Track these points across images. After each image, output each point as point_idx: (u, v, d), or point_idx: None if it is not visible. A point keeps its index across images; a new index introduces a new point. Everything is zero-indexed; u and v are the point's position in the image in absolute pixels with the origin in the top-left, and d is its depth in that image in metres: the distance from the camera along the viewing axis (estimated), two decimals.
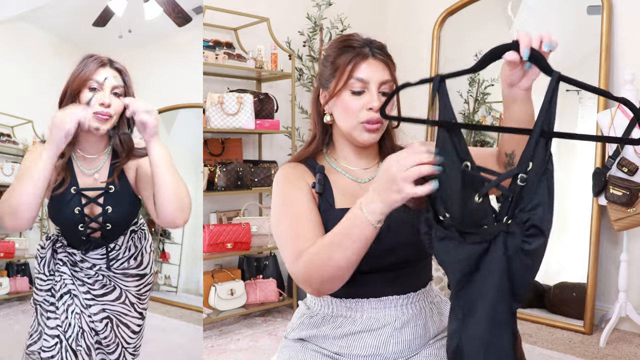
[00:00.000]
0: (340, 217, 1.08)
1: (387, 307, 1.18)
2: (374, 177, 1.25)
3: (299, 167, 1.25)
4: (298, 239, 1.10)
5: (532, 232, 0.83)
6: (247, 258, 3.37)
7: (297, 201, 1.16)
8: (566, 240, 3.32)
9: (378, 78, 1.18)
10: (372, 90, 1.18)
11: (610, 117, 2.83)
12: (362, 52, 1.19)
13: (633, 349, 2.81)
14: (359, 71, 1.18)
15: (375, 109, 1.16)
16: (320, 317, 1.24)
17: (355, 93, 1.18)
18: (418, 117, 0.98)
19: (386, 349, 1.17)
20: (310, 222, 1.13)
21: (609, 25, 3.06)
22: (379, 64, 1.19)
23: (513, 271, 0.85)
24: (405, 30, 4.16)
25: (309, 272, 1.05)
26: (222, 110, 3.05)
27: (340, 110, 1.20)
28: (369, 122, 1.18)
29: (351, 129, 1.20)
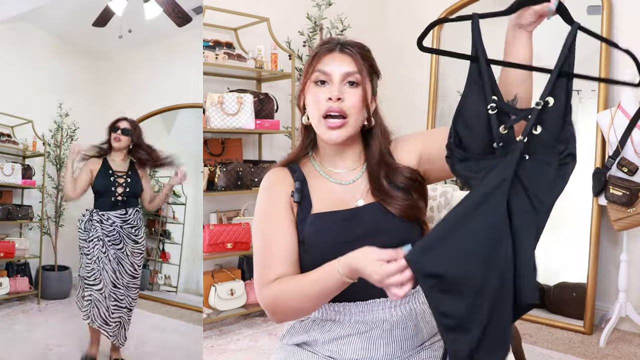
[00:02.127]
0: (316, 222, 1.14)
1: (375, 310, 1.18)
2: (358, 178, 1.24)
3: (281, 172, 1.26)
4: (267, 267, 1.16)
5: (568, 160, 0.96)
6: (247, 258, 3.37)
7: (273, 219, 1.19)
8: (566, 240, 3.32)
9: (341, 70, 1.18)
10: (334, 80, 1.18)
11: (610, 117, 2.83)
12: (329, 48, 1.20)
13: (633, 349, 2.81)
14: (321, 64, 1.19)
15: (334, 99, 1.16)
16: (310, 321, 1.24)
17: (319, 84, 1.19)
18: (455, 51, 1.09)
19: (377, 351, 1.17)
20: (280, 246, 1.17)
21: (609, 25, 3.06)
22: (345, 56, 1.19)
23: (533, 176, 0.97)
24: (405, 30, 4.16)
25: (274, 306, 1.13)
26: (222, 110, 3.05)
27: (310, 104, 1.21)
28: (328, 116, 1.17)
29: (316, 126, 1.20)
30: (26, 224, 2.68)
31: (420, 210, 1.21)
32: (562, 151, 0.96)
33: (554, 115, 0.97)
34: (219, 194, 3.13)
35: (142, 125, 3.01)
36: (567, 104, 0.97)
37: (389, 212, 1.17)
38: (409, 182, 1.21)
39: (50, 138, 2.72)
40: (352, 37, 1.27)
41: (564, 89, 0.97)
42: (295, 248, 1.17)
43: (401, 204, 1.17)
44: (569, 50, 0.97)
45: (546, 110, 0.97)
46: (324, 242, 1.15)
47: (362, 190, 1.22)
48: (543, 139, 0.97)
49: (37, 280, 2.72)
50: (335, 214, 1.18)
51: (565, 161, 0.96)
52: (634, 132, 2.73)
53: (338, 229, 1.16)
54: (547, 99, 0.97)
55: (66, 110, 2.74)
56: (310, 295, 1.08)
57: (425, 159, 1.24)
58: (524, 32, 1.06)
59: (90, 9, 2.65)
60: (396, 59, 3.97)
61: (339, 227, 1.16)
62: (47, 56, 2.77)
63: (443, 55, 1.13)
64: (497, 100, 1.00)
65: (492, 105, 1.00)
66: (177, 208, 3.16)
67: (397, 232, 1.16)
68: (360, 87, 1.19)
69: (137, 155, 2.41)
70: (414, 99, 3.92)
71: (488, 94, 1.00)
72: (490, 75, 1.02)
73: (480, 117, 1.01)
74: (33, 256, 2.71)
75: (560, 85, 0.97)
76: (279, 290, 1.11)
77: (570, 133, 0.96)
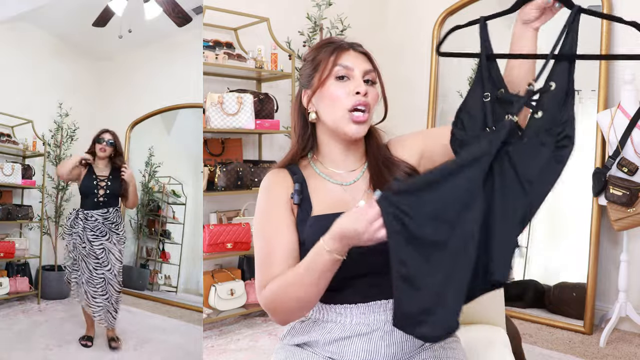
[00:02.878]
0: (316, 224, 1.13)
1: (376, 312, 1.18)
2: (359, 179, 1.25)
3: (281, 173, 1.25)
4: (267, 268, 1.16)
5: (565, 143, 0.95)
6: (247, 258, 3.37)
7: (273, 220, 1.19)
8: (566, 240, 3.32)
9: (362, 67, 1.20)
10: (356, 76, 1.19)
11: (610, 117, 2.83)
12: (342, 45, 1.22)
13: (633, 349, 2.81)
14: (342, 59, 1.20)
15: (363, 93, 1.17)
16: (311, 322, 1.24)
17: (340, 79, 1.19)
18: (467, 52, 1.14)
19: (378, 352, 1.16)
20: (280, 247, 1.16)
21: (609, 25, 3.06)
22: (360, 55, 1.22)
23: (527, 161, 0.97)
24: (405, 30, 4.16)
25: (274, 305, 1.13)
26: (222, 110, 3.05)
27: (327, 101, 1.20)
28: (355, 110, 1.17)
29: (338, 120, 1.19)
30: (26, 224, 2.68)
31: None
32: (559, 133, 0.96)
33: (555, 99, 0.97)
34: (219, 194, 3.13)
35: (142, 125, 3.02)
36: (569, 87, 0.97)
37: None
38: (408, 178, 1.22)
39: (50, 138, 2.72)
40: (351, 37, 1.29)
41: (565, 72, 0.97)
42: (295, 249, 1.17)
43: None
44: (568, 32, 0.98)
45: (548, 94, 0.98)
46: None
47: (362, 190, 1.23)
48: (544, 122, 0.98)
49: (37, 280, 2.72)
50: (335, 216, 1.17)
51: (562, 144, 0.96)
52: (634, 132, 2.73)
53: None
54: (550, 83, 0.98)
55: (66, 110, 2.74)
56: (305, 283, 1.07)
57: (427, 158, 1.25)
58: (530, 29, 1.08)
59: (90, 9, 2.65)
60: (396, 59, 3.97)
61: None
62: (47, 56, 2.77)
63: (459, 57, 1.19)
64: (502, 93, 1.04)
65: (486, 94, 1.04)
66: (177, 208, 3.16)
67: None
68: (376, 85, 1.22)
69: (117, 161, 2.70)
70: (414, 99, 3.92)
71: (491, 88, 1.05)
72: (495, 71, 1.06)
73: (481, 105, 1.05)
74: (33, 256, 2.71)
75: (562, 69, 0.98)
76: (275, 286, 1.11)
77: (569, 115, 0.96)
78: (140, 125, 3.01)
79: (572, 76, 0.98)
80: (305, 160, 1.29)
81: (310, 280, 1.06)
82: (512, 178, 0.96)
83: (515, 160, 0.96)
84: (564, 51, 0.98)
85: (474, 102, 1.07)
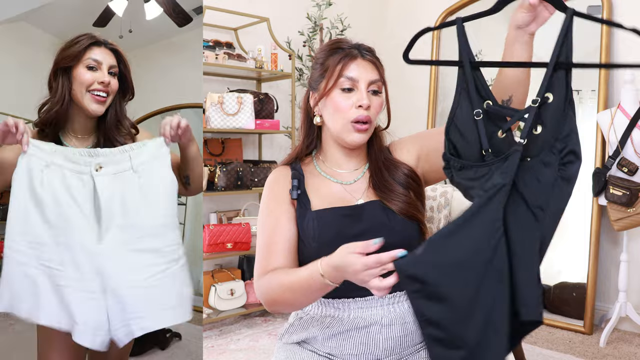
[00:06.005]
0: (317, 217, 1.17)
1: (374, 307, 1.19)
2: (360, 178, 1.27)
3: (284, 170, 1.29)
4: (266, 258, 1.19)
5: (570, 159, 0.88)
6: (247, 258, 3.37)
7: (274, 214, 1.23)
8: (566, 240, 3.32)
9: (367, 77, 1.21)
10: (361, 88, 1.20)
11: (610, 117, 2.83)
12: (351, 53, 1.22)
13: (633, 349, 2.81)
14: (348, 70, 1.20)
15: (365, 107, 1.19)
16: (309, 318, 1.25)
17: (345, 90, 1.20)
18: (444, 60, 1.13)
19: (377, 346, 1.18)
20: (279, 239, 1.20)
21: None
22: (368, 64, 1.22)
23: (531, 183, 0.89)
24: (405, 30, 4.16)
25: (267, 295, 1.15)
26: (222, 110, 3.05)
27: (331, 109, 1.22)
28: (357, 122, 1.19)
29: (340, 128, 1.22)
30: None
31: (418, 210, 1.22)
32: (562, 149, 0.88)
33: (554, 112, 0.89)
34: (219, 194, 3.13)
35: (142, 125, 3.02)
36: (567, 97, 0.89)
37: (389, 210, 1.19)
38: (407, 179, 1.24)
39: None
40: (351, 37, 1.29)
41: (562, 82, 0.89)
42: (295, 242, 1.21)
43: (401, 199, 1.20)
44: (565, 39, 0.89)
45: (546, 107, 0.90)
46: (325, 237, 1.17)
47: (362, 189, 1.25)
48: (544, 139, 0.90)
49: None
50: (335, 210, 1.21)
51: (567, 159, 0.88)
52: (634, 132, 2.73)
53: (338, 225, 1.18)
54: (545, 95, 0.90)
55: None
56: (295, 291, 1.09)
57: (424, 159, 1.27)
58: (525, 35, 1.02)
59: (90, 9, 2.65)
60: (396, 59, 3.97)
61: (340, 223, 1.18)
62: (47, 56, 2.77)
63: (429, 65, 1.14)
64: (491, 105, 0.95)
65: (477, 111, 0.96)
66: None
67: (396, 229, 1.18)
68: (381, 94, 1.24)
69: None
70: (414, 99, 3.92)
71: (477, 100, 0.97)
72: (480, 80, 0.98)
73: (473, 123, 0.98)
74: None
75: (558, 79, 0.89)
76: (271, 279, 1.14)
77: (570, 128, 0.88)
78: (140, 125, 3.00)
79: (570, 85, 0.89)
80: (309, 158, 1.32)
81: (302, 292, 1.08)
82: (522, 208, 0.89)
83: (520, 186, 0.89)
84: (561, 59, 0.89)
85: (463, 120, 0.98)
